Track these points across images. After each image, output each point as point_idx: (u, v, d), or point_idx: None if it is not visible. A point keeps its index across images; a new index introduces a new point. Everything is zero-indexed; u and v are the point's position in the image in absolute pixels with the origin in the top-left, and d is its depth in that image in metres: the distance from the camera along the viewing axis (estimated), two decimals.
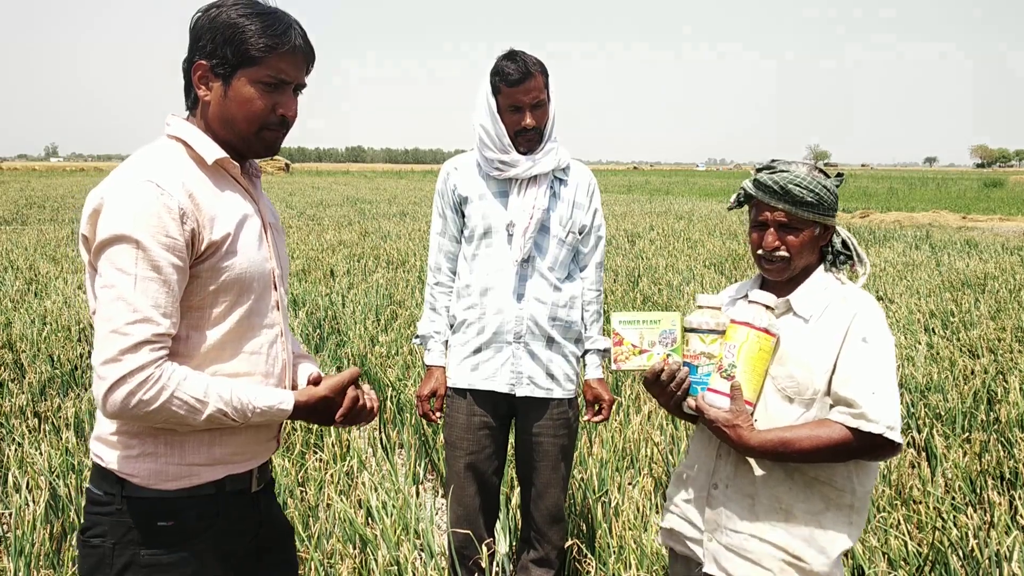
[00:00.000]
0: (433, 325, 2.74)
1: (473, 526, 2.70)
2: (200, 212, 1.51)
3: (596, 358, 2.75)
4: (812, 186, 1.80)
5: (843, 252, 1.93)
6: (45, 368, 5.43)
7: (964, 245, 14.01)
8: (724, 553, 1.87)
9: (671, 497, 2.05)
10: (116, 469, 1.55)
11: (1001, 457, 3.99)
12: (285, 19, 1.60)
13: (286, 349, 1.74)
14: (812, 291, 1.87)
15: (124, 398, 1.43)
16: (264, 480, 1.76)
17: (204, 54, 1.57)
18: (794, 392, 1.80)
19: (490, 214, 2.61)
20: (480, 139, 2.59)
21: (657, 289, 8.68)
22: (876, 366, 1.75)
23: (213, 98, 1.59)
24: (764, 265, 1.89)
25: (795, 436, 1.74)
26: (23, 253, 11.66)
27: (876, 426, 1.70)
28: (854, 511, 1.82)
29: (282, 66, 1.59)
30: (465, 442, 2.66)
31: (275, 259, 1.71)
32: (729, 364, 1.79)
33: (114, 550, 1.55)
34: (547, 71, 2.54)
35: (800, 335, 1.83)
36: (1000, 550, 2.90)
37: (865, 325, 1.79)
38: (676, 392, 1.84)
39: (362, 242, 13.55)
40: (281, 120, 1.63)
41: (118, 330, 1.43)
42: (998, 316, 7.29)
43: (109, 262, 1.45)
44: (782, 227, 1.83)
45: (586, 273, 2.74)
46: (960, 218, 21.01)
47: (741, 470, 1.86)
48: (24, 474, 3.66)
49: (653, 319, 1.88)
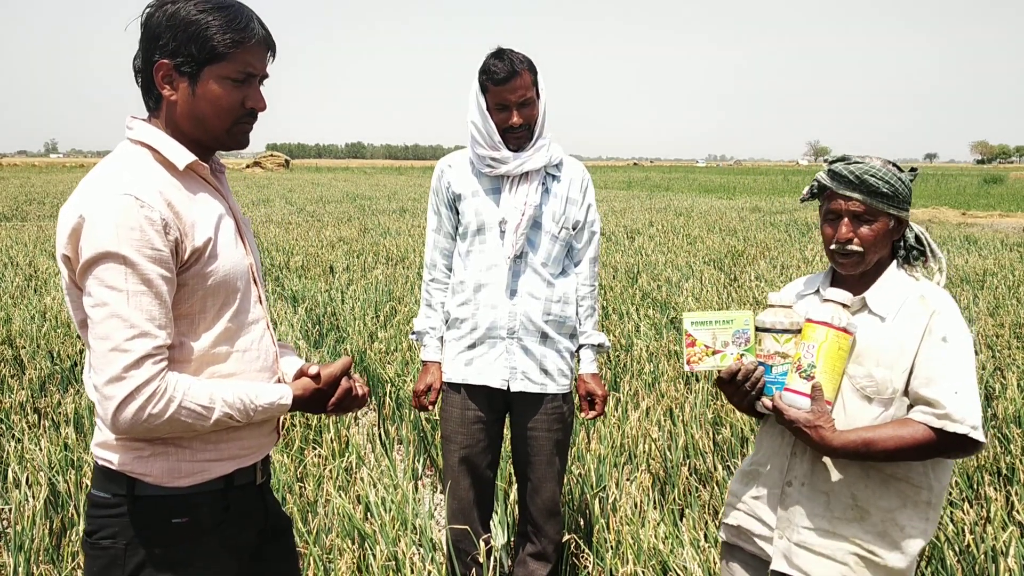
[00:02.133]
0: (429, 321, 2.75)
1: (468, 520, 2.71)
2: (181, 220, 1.50)
3: (591, 353, 2.76)
4: (888, 177, 1.79)
5: (916, 247, 1.90)
6: (45, 364, 5.44)
7: (964, 241, 14.01)
8: (796, 550, 1.86)
9: (736, 494, 2.03)
10: (127, 470, 1.55)
11: (998, 453, 3.99)
12: (245, 11, 1.58)
13: (273, 341, 1.75)
14: (888, 288, 1.85)
15: (134, 414, 1.42)
16: (267, 473, 1.78)
17: (166, 53, 1.53)
18: (873, 392, 1.79)
19: (483, 211, 2.62)
20: (472, 136, 2.61)
21: (656, 285, 8.68)
22: (957, 365, 1.74)
23: (180, 97, 1.56)
24: (838, 259, 1.87)
25: (878, 436, 1.73)
26: (23, 249, 11.66)
27: (960, 426, 1.69)
28: (931, 507, 1.81)
29: (249, 59, 1.57)
30: (460, 436, 2.68)
31: (251, 254, 1.71)
32: (808, 364, 1.77)
33: (126, 550, 1.55)
34: (535, 69, 2.55)
35: (877, 333, 1.81)
36: (996, 545, 2.91)
37: (945, 323, 1.77)
38: (750, 392, 1.84)
39: (361, 238, 13.55)
40: (251, 113, 1.62)
41: (118, 347, 1.42)
42: (997, 312, 7.29)
43: (98, 280, 1.43)
44: (856, 218, 1.82)
45: (580, 268, 2.75)
46: (960, 214, 21.00)
47: (817, 468, 1.85)
48: (24, 470, 3.67)
49: (726, 319, 1.87)
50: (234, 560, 1.66)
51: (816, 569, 1.83)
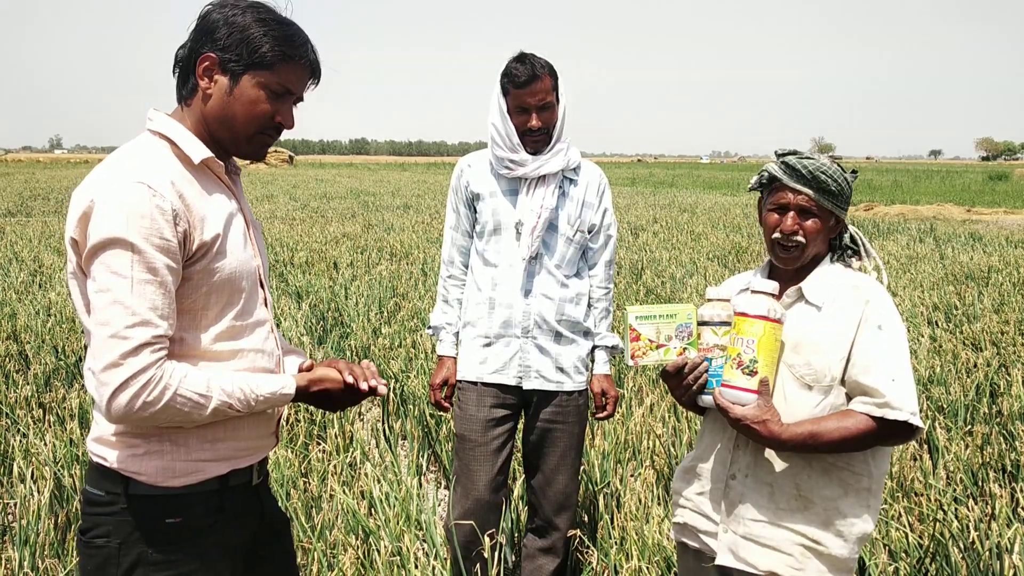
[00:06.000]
0: (445, 317, 2.79)
1: (479, 518, 2.70)
2: (191, 213, 1.50)
3: (604, 354, 2.80)
4: (837, 176, 1.85)
5: (851, 247, 1.95)
6: (49, 359, 5.45)
7: (968, 238, 13.97)
8: (741, 543, 1.88)
9: (680, 492, 2.05)
10: (121, 468, 1.54)
11: (1003, 449, 3.99)
12: (302, 35, 1.62)
13: (278, 344, 1.75)
14: (823, 279, 1.89)
15: (128, 401, 1.42)
16: (263, 473, 1.78)
17: (216, 48, 1.55)
18: (812, 380, 1.82)
19: (500, 211, 2.66)
20: (492, 138, 2.65)
21: (660, 282, 8.67)
22: (893, 353, 1.78)
23: (216, 92, 1.57)
24: (778, 252, 1.90)
25: (823, 428, 1.76)
26: (27, 245, 11.68)
27: (900, 414, 1.73)
28: (871, 494, 1.85)
29: (292, 77, 1.60)
30: (474, 434, 2.68)
31: (259, 256, 1.71)
32: (750, 360, 1.78)
33: (120, 549, 1.54)
34: (556, 73, 2.59)
35: (814, 322, 1.85)
36: (1001, 542, 2.91)
37: (879, 312, 1.81)
38: (692, 386, 1.86)
39: (365, 234, 13.56)
40: (277, 127, 1.63)
41: (118, 334, 1.42)
42: (1001, 309, 7.28)
43: (104, 266, 1.43)
44: (803, 212, 1.86)
45: (595, 271, 2.78)
46: (964, 211, 20.94)
47: (760, 459, 1.88)
48: (29, 464, 3.68)
49: (669, 313, 1.88)
50: (228, 560, 1.65)
51: (761, 561, 1.85)
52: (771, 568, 1.84)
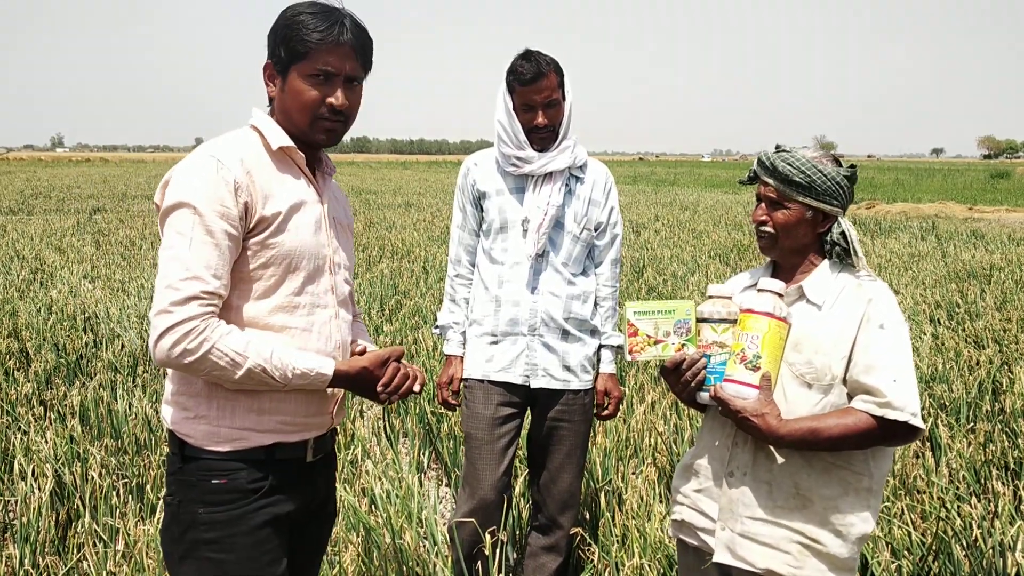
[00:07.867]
0: (452, 315, 2.78)
1: (483, 516, 2.69)
2: (255, 187, 1.64)
3: (609, 354, 2.79)
4: (803, 167, 1.85)
5: (840, 243, 1.93)
6: (50, 357, 5.45)
7: (970, 236, 13.96)
8: (739, 540, 1.87)
9: (679, 488, 2.04)
10: (176, 430, 1.68)
11: (1005, 447, 3.98)
12: (336, 15, 1.69)
13: (340, 331, 1.81)
14: (824, 278, 1.89)
15: (170, 346, 1.54)
16: (322, 451, 1.82)
17: (269, 55, 1.72)
18: (812, 378, 1.82)
19: (506, 209, 2.65)
20: (498, 135, 2.65)
21: (662, 280, 8.67)
22: (895, 353, 1.77)
23: (276, 94, 1.74)
24: (758, 239, 1.98)
25: (823, 425, 1.75)
26: (29, 243, 11.70)
27: (901, 414, 1.72)
28: (872, 494, 1.84)
29: (328, 59, 1.68)
30: (481, 432, 2.67)
31: (338, 251, 1.82)
32: (754, 355, 1.78)
33: (179, 508, 1.67)
34: (562, 71, 2.59)
35: (815, 321, 1.84)
36: (1004, 540, 2.90)
37: (881, 311, 1.80)
38: (691, 382, 1.85)
39: (367, 232, 13.56)
40: (331, 110, 1.71)
41: (172, 285, 1.55)
42: (1004, 307, 7.27)
43: (170, 226, 1.59)
44: (772, 203, 1.91)
45: (601, 269, 2.77)
46: (966, 209, 20.92)
47: (759, 457, 1.87)
48: (30, 462, 3.68)
49: (667, 308, 1.87)
50: (273, 530, 1.70)
51: (759, 559, 1.84)
52: (769, 566, 1.83)
